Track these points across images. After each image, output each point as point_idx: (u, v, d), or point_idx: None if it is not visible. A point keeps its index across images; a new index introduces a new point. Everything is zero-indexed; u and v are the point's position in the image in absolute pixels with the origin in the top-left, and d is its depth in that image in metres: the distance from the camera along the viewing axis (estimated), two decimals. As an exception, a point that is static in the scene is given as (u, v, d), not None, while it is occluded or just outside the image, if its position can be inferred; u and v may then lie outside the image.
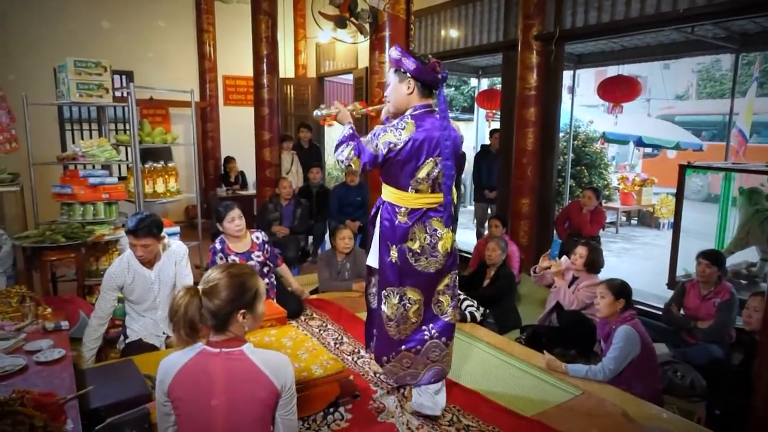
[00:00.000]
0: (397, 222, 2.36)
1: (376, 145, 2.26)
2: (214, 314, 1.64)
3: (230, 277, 1.66)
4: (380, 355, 2.57)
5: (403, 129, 2.27)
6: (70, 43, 6.94)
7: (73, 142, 6.96)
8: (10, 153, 3.56)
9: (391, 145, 2.25)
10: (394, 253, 2.38)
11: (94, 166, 4.65)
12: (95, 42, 7.23)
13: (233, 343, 1.66)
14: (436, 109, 2.36)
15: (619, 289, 3.10)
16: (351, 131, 2.33)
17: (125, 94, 4.62)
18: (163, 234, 3.08)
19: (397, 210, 2.36)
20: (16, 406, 1.69)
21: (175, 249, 3.17)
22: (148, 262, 3.06)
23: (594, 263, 3.80)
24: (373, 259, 2.55)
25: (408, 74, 2.31)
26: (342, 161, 2.28)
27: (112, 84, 4.41)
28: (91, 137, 7.07)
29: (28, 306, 2.77)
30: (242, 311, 1.66)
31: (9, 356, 2.26)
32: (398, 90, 2.35)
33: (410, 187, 2.32)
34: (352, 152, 2.25)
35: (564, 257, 3.95)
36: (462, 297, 4.02)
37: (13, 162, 4.77)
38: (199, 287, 1.67)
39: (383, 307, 2.47)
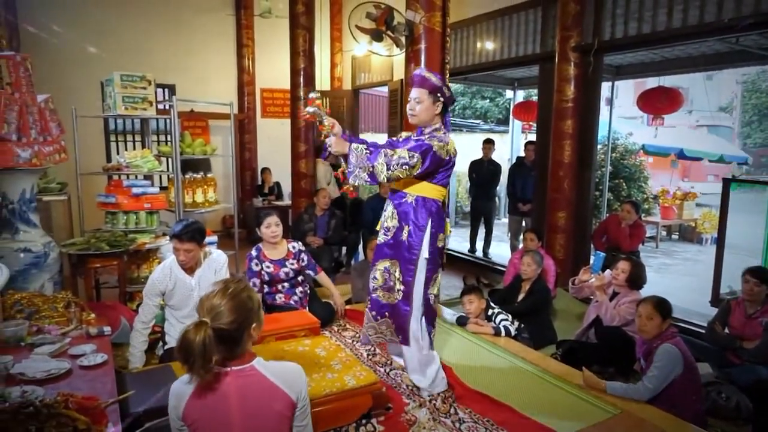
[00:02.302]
0: (435, 210, 2.78)
1: (447, 152, 2.70)
2: (226, 339, 1.61)
3: (231, 299, 1.63)
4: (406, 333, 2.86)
5: (448, 140, 2.74)
6: (116, 58, 7.20)
7: (118, 153, 7.22)
8: (59, 164, 3.71)
9: (454, 152, 2.75)
10: (431, 240, 2.76)
11: (136, 177, 4.80)
12: (140, 57, 7.48)
13: (243, 360, 1.65)
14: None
15: (664, 308, 3.00)
16: (367, 142, 2.74)
17: (167, 107, 4.76)
18: (205, 242, 3.17)
19: (435, 202, 2.79)
20: (60, 408, 1.74)
21: (216, 257, 3.25)
22: (189, 269, 3.14)
23: (636, 279, 3.71)
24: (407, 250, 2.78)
25: (441, 98, 2.75)
26: (404, 165, 2.58)
27: (155, 97, 4.56)
28: (134, 148, 7.30)
29: (74, 311, 2.86)
30: (253, 326, 1.66)
31: (54, 360, 2.33)
32: (430, 110, 2.75)
33: (445, 185, 2.82)
34: (414, 157, 2.59)
35: (608, 271, 3.86)
36: (497, 311, 3.97)
37: (62, 172, 4.96)
38: (205, 319, 1.61)
39: (432, 291, 2.86)
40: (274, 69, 8.53)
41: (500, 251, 7.41)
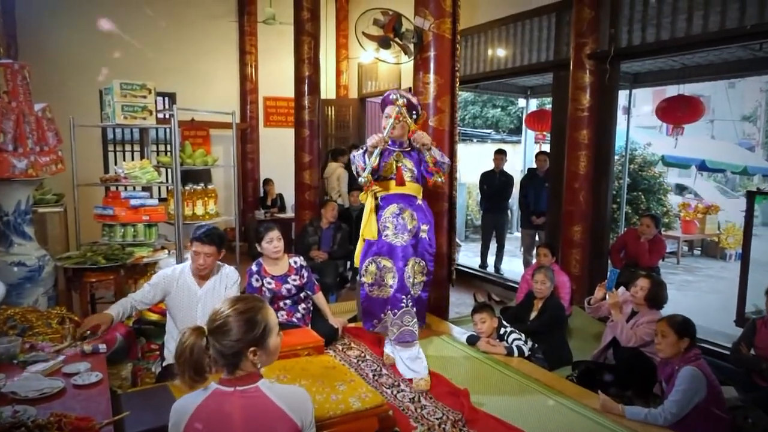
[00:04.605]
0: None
1: None
2: (223, 355, 1.62)
3: (237, 314, 1.63)
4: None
5: None
6: (115, 66, 7.27)
7: (116, 164, 7.27)
8: (56, 174, 3.74)
9: None
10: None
11: (135, 188, 4.82)
12: (140, 64, 7.56)
13: (248, 380, 1.64)
14: None
15: (682, 327, 2.97)
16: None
17: (168, 116, 4.81)
18: (223, 250, 3.22)
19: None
20: (53, 429, 1.74)
21: (228, 273, 3.29)
22: (201, 278, 3.18)
23: (656, 297, 3.67)
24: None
25: (415, 116, 3.43)
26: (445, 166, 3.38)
27: (155, 106, 4.60)
28: (133, 159, 7.35)
29: (68, 327, 2.86)
30: (252, 348, 1.63)
31: (47, 378, 2.33)
32: (408, 126, 3.37)
33: None
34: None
35: (622, 288, 3.83)
36: (509, 330, 3.95)
37: (58, 183, 5.00)
38: (204, 327, 1.65)
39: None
40: (277, 77, 8.59)
41: (512, 267, 7.38)
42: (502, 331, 3.94)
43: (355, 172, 3.39)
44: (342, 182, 7.31)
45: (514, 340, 3.86)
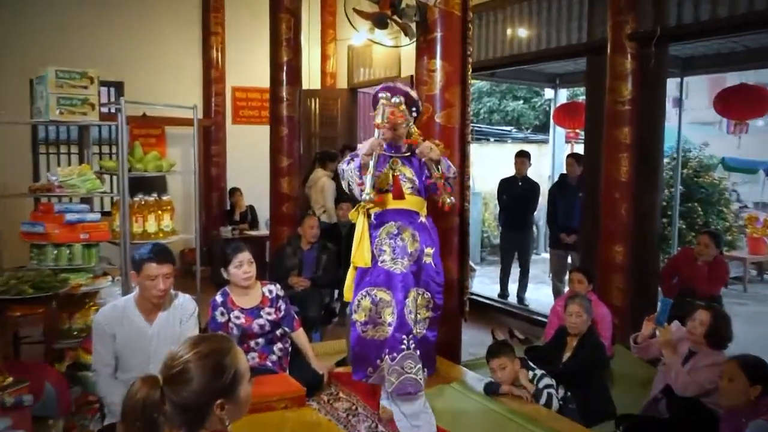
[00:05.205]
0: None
1: None
2: (183, 410, 1.60)
3: (200, 358, 1.62)
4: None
5: None
6: (49, 51, 7.22)
7: (48, 170, 7.24)
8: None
9: None
10: None
11: (71, 199, 4.79)
12: (79, 48, 7.51)
13: None
14: None
15: (755, 370, 2.95)
16: None
17: (113, 111, 4.80)
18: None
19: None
20: None
21: (183, 303, 3.30)
22: (149, 312, 3.17)
23: (719, 334, 3.63)
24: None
25: (414, 115, 3.54)
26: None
27: (98, 98, 4.59)
28: (69, 163, 7.34)
29: (-15, 375, 2.82)
30: (219, 401, 1.61)
31: (-43, 439, 2.30)
32: (407, 125, 3.45)
33: None
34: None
35: (676, 323, 3.81)
36: (538, 374, 3.92)
37: (-24, 194, 4.99)
38: (159, 375, 1.62)
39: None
40: (249, 63, 8.63)
41: (539, 296, 7.37)
42: (531, 375, 3.91)
43: (347, 189, 3.41)
44: (327, 195, 7.25)
45: (546, 386, 3.84)
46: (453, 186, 3.44)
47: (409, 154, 3.46)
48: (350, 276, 3.50)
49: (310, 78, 9.00)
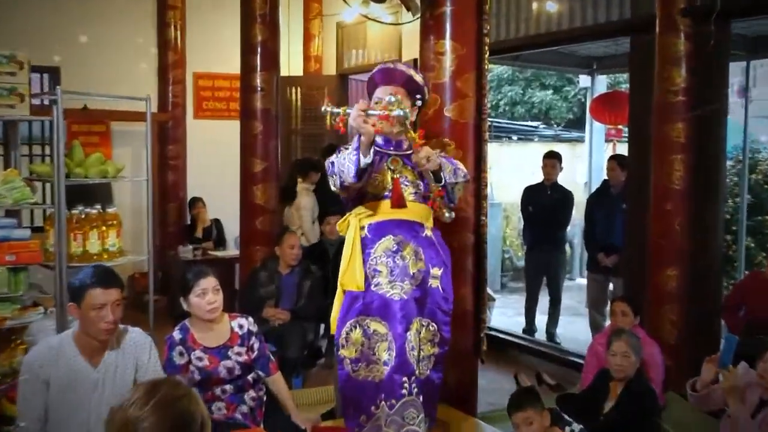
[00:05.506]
0: None
1: None
2: None
3: (157, 410, 1.63)
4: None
5: None
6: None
7: (-34, 176, 7.24)
8: None
9: None
10: None
11: (-5, 213, 4.79)
12: (5, 25, 7.54)
13: None
14: None
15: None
16: None
17: (47, 102, 4.81)
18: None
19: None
20: None
21: (135, 340, 3.25)
22: (94, 351, 3.13)
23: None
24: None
25: (419, 103, 3.46)
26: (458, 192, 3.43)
27: (29, 88, 4.59)
28: (-8, 168, 7.33)
29: None
30: None
31: None
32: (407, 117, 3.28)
33: None
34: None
35: (743, 364, 3.81)
36: (576, 429, 3.91)
37: None
38: None
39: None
40: (216, 44, 8.67)
41: (574, 332, 7.36)
42: (567, 429, 3.91)
43: (336, 186, 3.35)
44: (304, 214, 7.23)
45: (581, 443, 3.84)
46: (455, 195, 3.38)
47: (411, 151, 3.41)
48: (338, 302, 3.48)
49: (291, 63, 9.02)
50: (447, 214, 3.38)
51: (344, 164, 3.18)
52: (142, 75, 8.61)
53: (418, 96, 3.44)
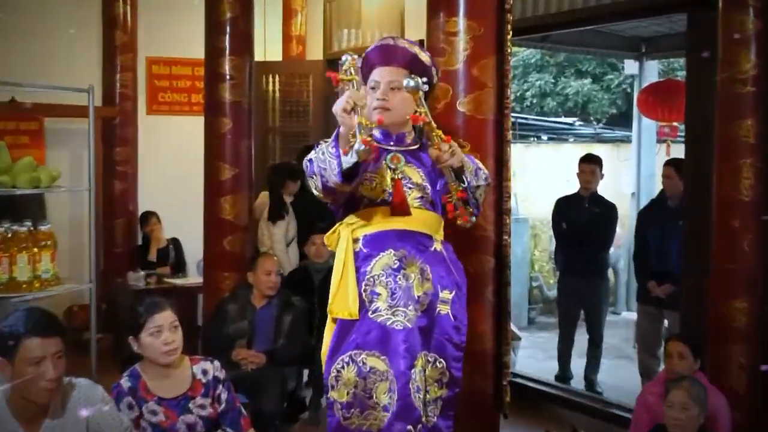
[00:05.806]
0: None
1: None
2: None
3: None
4: None
5: None
6: None
7: None
8: None
9: None
10: None
11: None
12: None
13: None
14: None
15: None
16: None
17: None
18: None
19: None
20: None
21: (86, 393, 3.23)
22: (33, 415, 3.10)
23: None
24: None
25: (426, 88, 3.29)
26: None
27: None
28: None
29: None
30: None
31: None
32: (409, 104, 3.32)
33: None
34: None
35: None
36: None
37: None
38: None
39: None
40: (174, 23, 8.72)
41: (619, 379, 7.36)
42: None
43: (318, 190, 3.23)
44: (276, 236, 7.17)
45: None
46: (480, 200, 3.37)
47: (417, 146, 3.43)
48: (327, 334, 3.41)
49: (267, 45, 9.09)
50: (471, 221, 3.37)
51: (324, 160, 3.06)
52: (83, 61, 8.63)
53: (425, 80, 3.29)
